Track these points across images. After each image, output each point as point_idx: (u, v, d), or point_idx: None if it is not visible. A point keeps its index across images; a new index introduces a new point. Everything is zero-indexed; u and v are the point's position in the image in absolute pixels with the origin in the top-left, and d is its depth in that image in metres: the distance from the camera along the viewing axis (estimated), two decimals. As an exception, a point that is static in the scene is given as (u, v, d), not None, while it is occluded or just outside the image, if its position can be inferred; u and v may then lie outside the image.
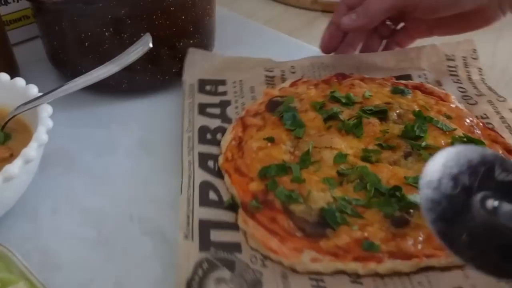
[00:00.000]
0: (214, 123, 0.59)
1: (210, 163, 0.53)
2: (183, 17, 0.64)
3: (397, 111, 0.59)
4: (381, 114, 0.58)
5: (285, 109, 0.58)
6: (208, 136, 0.57)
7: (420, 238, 0.45)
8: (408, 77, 0.68)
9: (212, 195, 0.49)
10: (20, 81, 0.55)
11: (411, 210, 0.47)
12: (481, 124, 0.59)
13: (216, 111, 0.61)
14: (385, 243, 0.44)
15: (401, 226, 0.46)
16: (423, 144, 0.54)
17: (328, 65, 0.69)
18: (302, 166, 0.51)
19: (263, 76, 0.66)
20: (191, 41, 0.67)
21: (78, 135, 0.61)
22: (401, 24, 0.72)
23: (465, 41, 0.70)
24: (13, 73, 0.57)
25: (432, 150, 0.53)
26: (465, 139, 0.54)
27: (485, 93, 0.65)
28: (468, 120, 0.59)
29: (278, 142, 0.55)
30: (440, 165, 0.32)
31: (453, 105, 0.61)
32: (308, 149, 0.53)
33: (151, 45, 0.56)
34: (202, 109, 0.61)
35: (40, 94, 0.53)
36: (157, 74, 0.66)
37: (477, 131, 0.58)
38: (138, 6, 0.60)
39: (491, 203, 0.31)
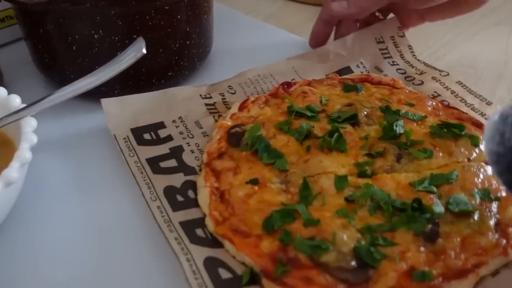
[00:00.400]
0: (177, 179, 0.49)
1: (200, 232, 0.44)
2: (178, 17, 0.58)
3: (364, 112, 0.55)
4: (351, 119, 0.54)
5: (254, 140, 0.50)
6: (179, 197, 0.47)
7: (458, 248, 0.42)
8: (348, 69, 0.65)
9: (224, 273, 0.40)
10: (1, 90, 0.50)
11: (437, 220, 0.43)
12: (440, 104, 0.58)
13: (172, 163, 0.50)
14: (432, 266, 0.40)
15: (435, 240, 0.42)
16: (408, 142, 0.51)
17: (265, 75, 0.62)
18: (306, 204, 0.44)
19: (203, 106, 0.57)
20: (188, 42, 0.61)
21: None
22: (391, 15, 0.70)
23: (389, 20, 0.69)
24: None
25: (418, 145, 0.51)
26: (442, 126, 0.53)
27: (425, 70, 0.64)
28: (429, 104, 0.57)
29: (264, 183, 0.47)
30: (500, 122, 0.32)
31: (407, 91, 0.60)
32: (302, 182, 0.46)
33: (144, 51, 0.51)
34: (154, 165, 0.50)
35: (23, 105, 0.48)
36: (152, 78, 0.60)
37: (440, 112, 0.57)
38: (129, 6, 0.54)
39: None
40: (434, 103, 0.57)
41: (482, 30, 0.77)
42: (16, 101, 0.49)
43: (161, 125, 0.55)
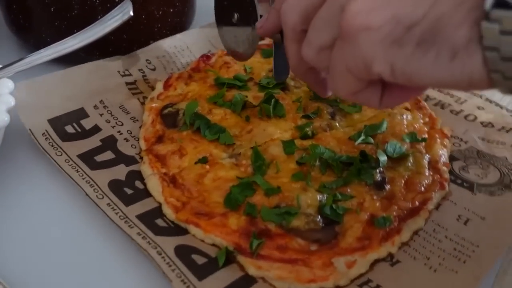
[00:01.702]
0: (120, 171, 0.45)
1: (160, 222, 0.41)
2: None
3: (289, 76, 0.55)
4: (281, 84, 0.54)
5: (192, 118, 0.48)
6: (128, 190, 0.43)
7: (403, 190, 0.45)
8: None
9: (199, 259, 0.38)
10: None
11: (382, 168, 0.46)
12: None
13: (108, 155, 0.46)
14: (387, 210, 0.43)
15: (384, 186, 0.45)
16: (338, 99, 0.53)
17: (182, 47, 0.59)
18: (262, 174, 0.44)
19: (124, 86, 0.53)
20: (171, 10, 0.60)
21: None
22: None
23: None
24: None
25: (346, 101, 0.53)
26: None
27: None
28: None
29: (214, 160, 0.46)
30: None
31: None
32: (253, 153, 0.46)
33: (131, 13, 0.49)
34: (90, 161, 0.45)
35: None
36: (133, 45, 0.58)
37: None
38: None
39: None
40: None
41: None
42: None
43: (82, 113, 0.50)
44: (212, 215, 0.41)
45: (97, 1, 0.53)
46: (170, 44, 0.59)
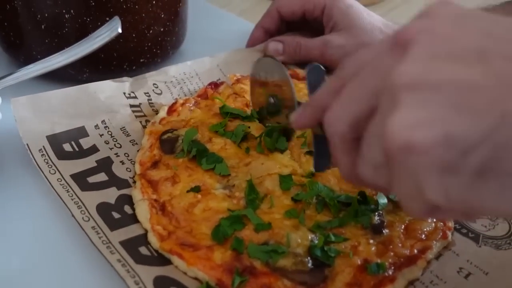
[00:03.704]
0: (110, 194, 0.44)
1: (144, 250, 0.40)
2: (154, 2, 0.56)
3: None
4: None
5: (190, 145, 0.48)
6: (115, 215, 0.43)
7: (402, 236, 0.43)
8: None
9: (178, 293, 0.37)
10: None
11: (381, 211, 0.44)
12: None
13: (101, 177, 0.46)
14: (383, 257, 0.41)
15: (382, 231, 0.43)
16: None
17: (191, 74, 0.59)
18: (254, 208, 0.43)
19: (128, 108, 0.53)
20: (162, 29, 0.60)
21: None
22: None
23: None
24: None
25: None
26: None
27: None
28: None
29: (207, 189, 0.45)
30: None
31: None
32: (248, 186, 0.44)
33: (120, 30, 0.50)
34: (82, 181, 0.45)
35: None
36: (123, 64, 0.58)
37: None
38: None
39: None
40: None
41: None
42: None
43: (82, 131, 0.49)
44: (197, 247, 0.40)
45: (88, 19, 0.53)
46: (179, 70, 0.59)
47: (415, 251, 0.42)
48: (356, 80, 0.30)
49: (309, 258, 0.40)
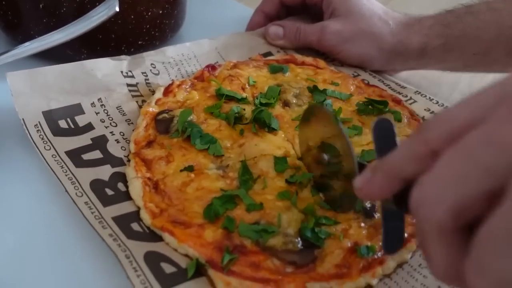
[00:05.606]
0: (104, 171, 0.44)
1: (136, 227, 0.40)
2: None
3: (294, 93, 0.54)
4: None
5: (185, 126, 0.48)
6: (109, 191, 0.43)
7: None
8: (269, 54, 0.64)
9: (168, 268, 0.37)
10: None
11: (373, 194, 0.44)
12: (361, 83, 0.59)
13: (96, 154, 0.46)
14: (373, 240, 0.41)
15: (373, 215, 0.43)
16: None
17: (189, 55, 0.59)
18: (247, 188, 0.43)
19: (125, 87, 0.53)
20: (161, 11, 0.60)
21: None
22: None
23: None
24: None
25: (347, 123, 0.52)
26: (368, 103, 0.54)
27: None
28: (351, 82, 0.58)
29: (200, 169, 0.45)
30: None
31: (330, 70, 0.60)
32: (241, 166, 0.44)
33: (117, 8, 0.49)
34: (76, 158, 0.45)
35: None
36: (121, 45, 0.58)
37: (362, 91, 0.58)
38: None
39: None
40: (356, 82, 0.59)
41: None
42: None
43: (78, 109, 0.49)
44: (188, 225, 0.40)
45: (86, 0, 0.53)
46: (177, 51, 0.59)
47: (405, 234, 0.42)
48: (458, 151, 0.23)
49: (299, 238, 0.40)
